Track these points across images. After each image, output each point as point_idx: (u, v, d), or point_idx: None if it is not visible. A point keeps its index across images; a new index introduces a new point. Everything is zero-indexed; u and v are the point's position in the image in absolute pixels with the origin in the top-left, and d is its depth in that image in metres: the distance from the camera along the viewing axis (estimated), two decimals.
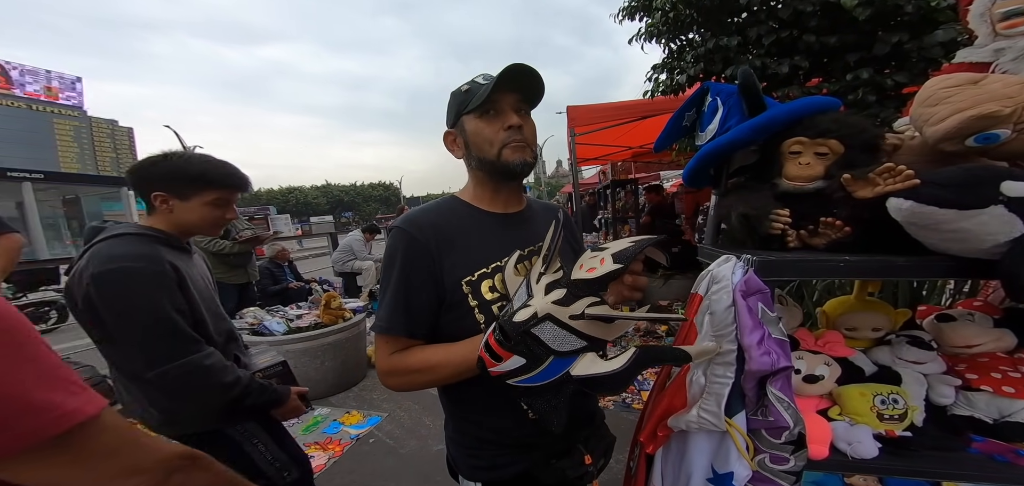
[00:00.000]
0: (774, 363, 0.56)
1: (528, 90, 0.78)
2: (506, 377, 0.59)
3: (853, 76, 1.60)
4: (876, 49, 1.58)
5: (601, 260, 0.58)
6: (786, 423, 0.57)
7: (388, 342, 0.75)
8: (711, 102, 1.00)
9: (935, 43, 1.51)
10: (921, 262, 0.59)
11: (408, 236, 0.75)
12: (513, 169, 0.77)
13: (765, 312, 0.64)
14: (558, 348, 0.57)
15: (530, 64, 0.74)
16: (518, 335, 0.56)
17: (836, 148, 0.71)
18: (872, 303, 0.85)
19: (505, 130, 0.76)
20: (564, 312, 0.56)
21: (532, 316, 0.56)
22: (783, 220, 0.71)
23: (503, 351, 0.57)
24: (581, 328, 0.57)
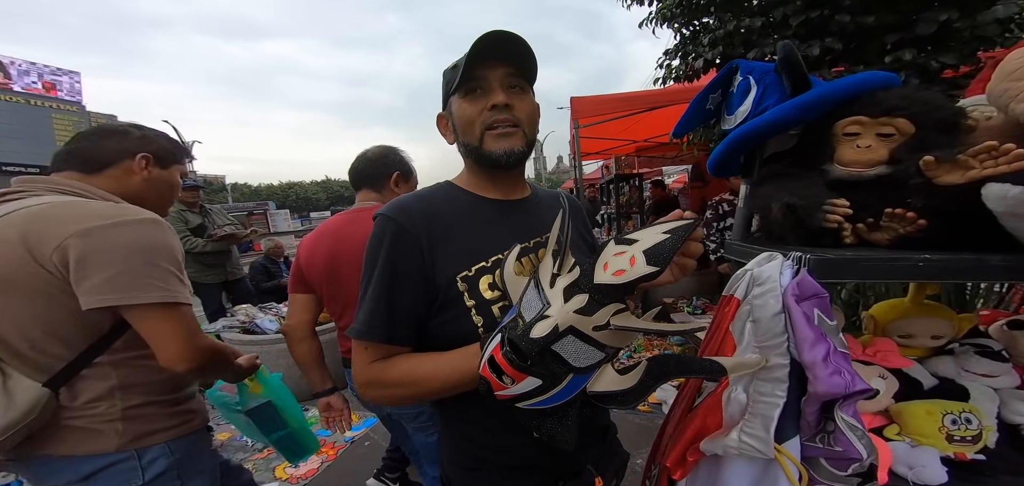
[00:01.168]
0: (849, 385, 0.46)
1: (518, 60, 0.66)
2: (516, 400, 0.49)
3: (892, 59, 1.47)
4: (920, 29, 1.44)
5: (631, 259, 0.48)
6: (858, 454, 0.47)
7: (367, 349, 0.65)
8: (742, 82, 0.89)
9: (991, 20, 1.38)
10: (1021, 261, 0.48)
11: (395, 225, 0.64)
12: (495, 159, 0.67)
13: (823, 320, 0.54)
14: (579, 364, 0.48)
15: (509, 30, 0.63)
16: (537, 354, 0.47)
17: (905, 128, 0.60)
18: (931, 307, 0.75)
19: (489, 110, 0.65)
20: (587, 323, 0.47)
21: (553, 330, 0.47)
22: (841, 211, 0.61)
23: (516, 372, 0.48)
24: (602, 339, 0.48)
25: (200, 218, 3.27)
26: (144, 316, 0.81)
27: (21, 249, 0.75)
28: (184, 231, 3.14)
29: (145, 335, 0.82)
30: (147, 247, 0.81)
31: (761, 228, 0.80)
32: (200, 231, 3.23)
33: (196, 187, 3.31)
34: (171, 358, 0.83)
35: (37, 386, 0.79)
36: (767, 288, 0.59)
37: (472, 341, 0.63)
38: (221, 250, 3.29)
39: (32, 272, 0.76)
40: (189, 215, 3.22)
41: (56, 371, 0.81)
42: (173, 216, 3.16)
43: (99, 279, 0.76)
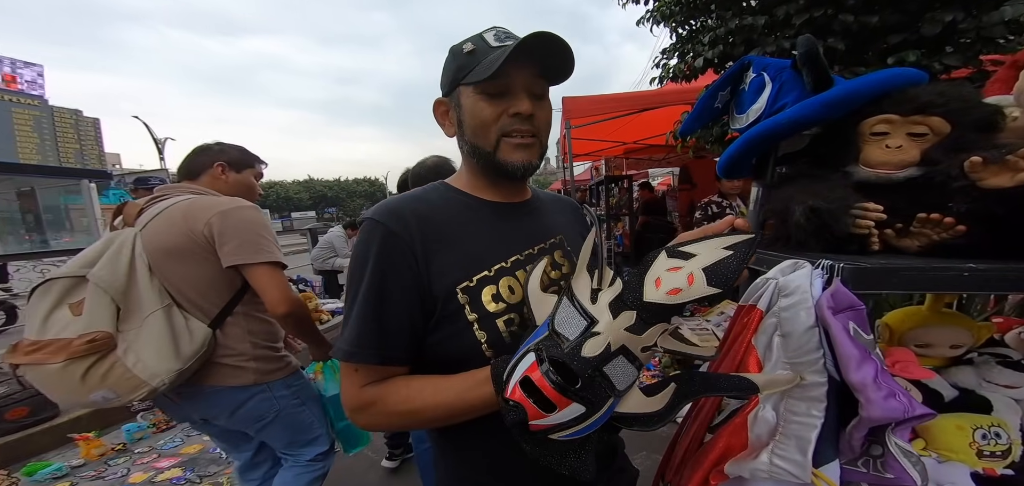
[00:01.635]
0: (907, 410, 0.42)
1: (551, 64, 0.61)
2: (552, 431, 0.43)
3: (896, 60, 1.48)
4: (925, 29, 1.45)
5: (689, 276, 0.43)
6: (911, 481, 0.43)
7: (357, 372, 0.58)
8: (755, 79, 0.85)
9: (997, 22, 1.40)
10: None
11: (385, 231, 0.57)
12: (511, 170, 0.61)
13: (859, 334, 0.50)
14: (621, 387, 0.43)
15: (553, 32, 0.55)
16: (588, 374, 0.41)
17: (939, 127, 0.57)
18: (950, 316, 0.73)
19: (510, 116, 0.59)
20: (637, 342, 0.42)
21: (606, 349, 0.41)
22: (873, 215, 0.57)
23: (560, 397, 0.41)
24: (642, 358, 0.44)
25: None
26: (257, 272, 1.17)
27: (185, 228, 1.14)
28: None
29: (257, 287, 1.17)
30: (256, 224, 1.19)
31: (777, 233, 0.76)
32: None
33: (146, 181, 3.10)
34: (274, 303, 1.16)
35: (204, 326, 1.15)
36: (796, 299, 0.54)
37: (474, 358, 0.57)
38: None
39: (193, 243, 1.14)
40: None
41: (213, 315, 1.18)
42: None
43: (232, 245, 1.14)
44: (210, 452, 2.49)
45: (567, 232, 0.74)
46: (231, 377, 1.20)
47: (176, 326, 1.11)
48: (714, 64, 1.89)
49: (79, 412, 2.71)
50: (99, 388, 1.06)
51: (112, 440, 2.63)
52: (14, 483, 2.18)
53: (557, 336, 0.45)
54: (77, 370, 1.02)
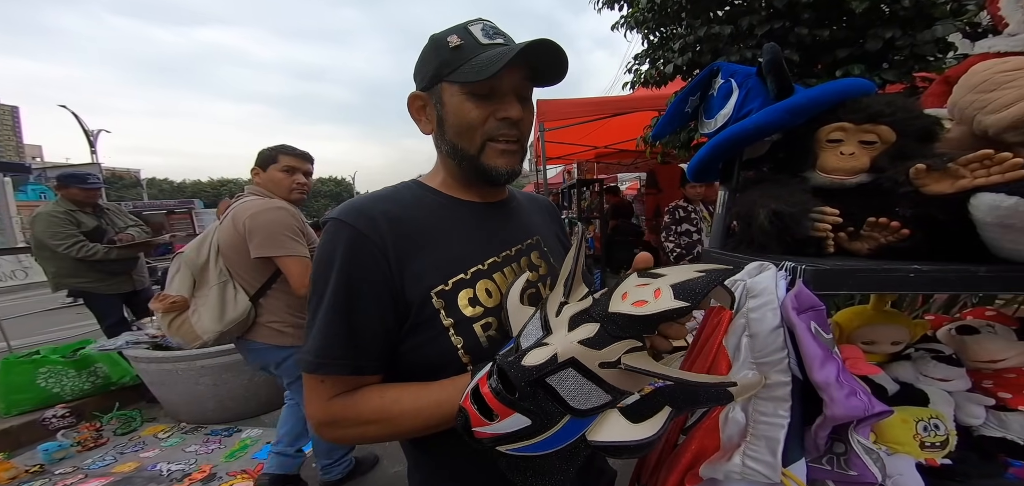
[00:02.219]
0: (867, 407, 0.43)
1: (543, 69, 0.58)
2: (496, 442, 0.40)
3: (843, 73, 1.61)
4: (869, 44, 1.59)
5: (655, 291, 0.41)
6: (873, 477, 0.44)
7: (323, 383, 0.53)
8: (723, 84, 0.88)
9: (929, 39, 1.55)
10: (1007, 272, 0.49)
11: (353, 233, 0.53)
12: (495, 176, 0.59)
13: (820, 333, 0.51)
14: (578, 405, 0.40)
15: (554, 40, 0.53)
16: (527, 385, 0.38)
17: (887, 136, 0.60)
18: (891, 314, 0.78)
19: (497, 120, 0.56)
20: (594, 357, 0.40)
21: (551, 359, 0.39)
22: (831, 219, 0.59)
23: (500, 406, 0.39)
24: (610, 379, 0.40)
25: (95, 220, 2.72)
26: (281, 262, 1.52)
27: (233, 226, 1.55)
28: (75, 235, 2.58)
29: (284, 273, 1.54)
30: (277, 223, 1.52)
31: (741, 235, 0.78)
32: (98, 234, 2.69)
33: (97, 188, 2.76)
34: (296, 285, 1.52)
35: (247, 298, 1.57)
36: (763, 300, 0.55)
37: (451, 364, 0.53)
38: (126, 257, 2.77)
39: (238, 237, 1.53)
40: (81, 216, 2.66)
41: (255, 290, 1.58)
42: (60, 218, 2.60)
43: (256, 241, 1.51)
44: (148, 470, 2.23)
45: (543, 232, 0.72)
46: (273, 337, 1.60)
47: (227, 297, 1.55)
48: (683, 70, 1.98)
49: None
50: (176, 336, 1.60)
51: (27, 462, 2.28)
52: None
53: (518, 346, 0.43)
54: (167, 320, 1.60)
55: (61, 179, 2.69)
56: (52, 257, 2.60)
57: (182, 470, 2.21)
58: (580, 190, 5.46)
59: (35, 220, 2.62)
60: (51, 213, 2.60)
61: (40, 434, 2.47)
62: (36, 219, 2.62)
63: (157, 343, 2.42)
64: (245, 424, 2.62)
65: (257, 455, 2.33)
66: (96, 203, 2.78)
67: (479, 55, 0.54)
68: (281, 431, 1.84)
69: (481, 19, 0.59)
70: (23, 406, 2.53)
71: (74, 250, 2.55)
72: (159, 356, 2.39)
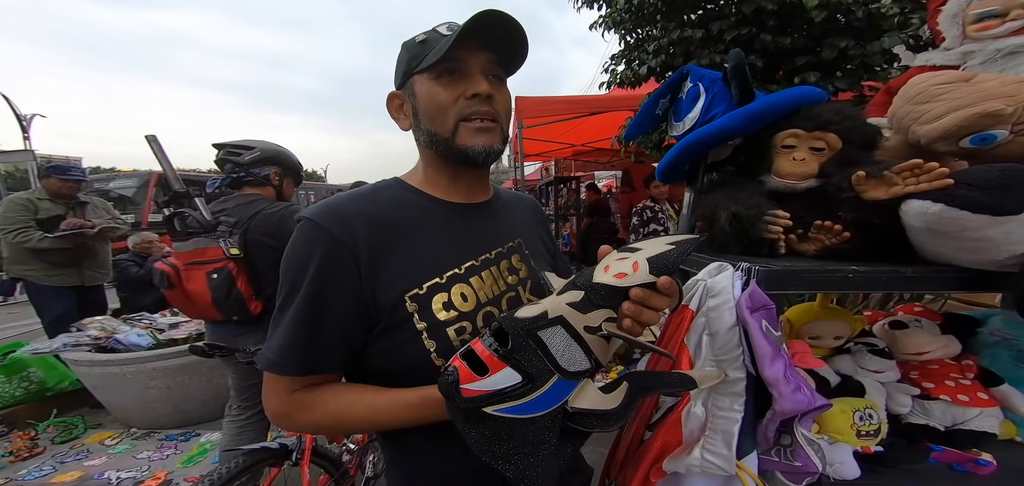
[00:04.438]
0: (810, 401, 0.46)
1: (506, 49, 0.58)
2: (485, 401, 0.41)
3: (800, 80, 1.71)
4: (825, 53, 1.70)
5: (633, 265, 0.44)
6: (815, 467, 0.47)
7: (281, 380, 0.53)
8: (691, 88, 0.91)
9: (877, 51, 1.67)
10: (931, 273, 0.54)
11: (327, 237, 0.52)
12: (471, 155, 0.58)
13: (770, 331, 0.54)
14: (565, 364, 0.42)
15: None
16: (520, 334, 0.41)
17: (834, 143, 0.64)
18: (835, 310, 0.83)
19: (467, 98, 0.56)
20: (579, 319, 0.43)
21: (542, 313, 0.42)
22: (781, 222, 0.63)
23: (493, 358, 0.41)
24: (591, 345, 0.43)
25: (61, 209, 2.53)
26: None
27: None
28: (24, 221, 2.41)
29: None
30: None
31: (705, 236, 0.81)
32: (53, 224, 2.48)
33: (78, 181, 2.63)
34: None
35: None
36: (722, 300, 0.57)
37: (422, 367, 0.52)
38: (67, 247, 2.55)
39: None
40: (45, 204, 2.50)
41: None
42: (18, 204, 2.41)
43: None
44: (94, 478, 2.07)
45: (526, 234, 0.71)
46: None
47: None
48: (656, 72, 2.04)
49: None
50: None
51: None
52: None
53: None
54: None
55: (45, 169, 2.63)
56: (5, 244, 2.43)
57: (134, 477, 2.06)
58: (557, 187, 5.51)
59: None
60: (13, 199, 2.50)
61: None
62: (3, 205, 2.47)
63: (101, 345, 2.22)
64: (204, 428, 2.47)
65: (216, 459, 2.21)
66: (75, 195, 2.63)
67: (443, 41, 0.54)
68: None
69: (448, 21, 0.60)
70: None
71: (11, 236, 2.37)
72: (103, 359, 2.20)
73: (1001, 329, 0.76)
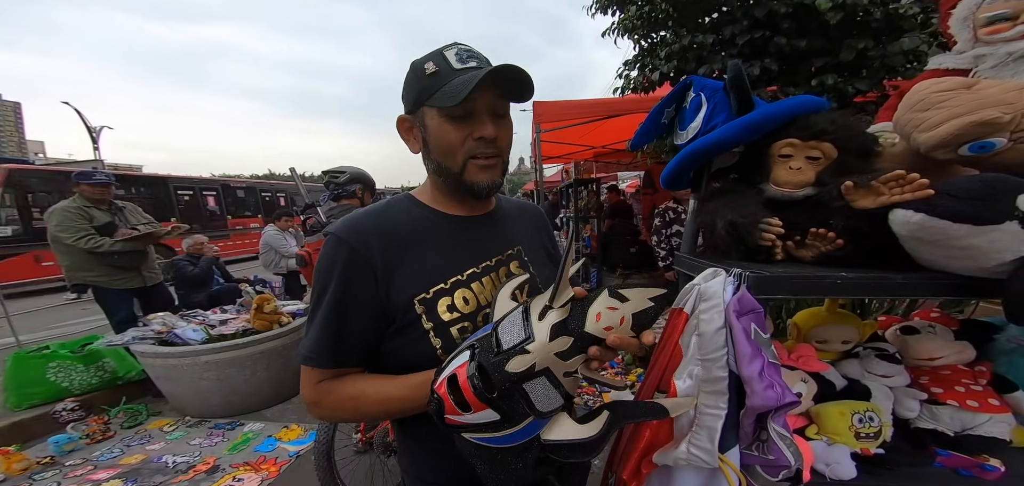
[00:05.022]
0: (780, 398, 0.49)
1: (511, 87, 0.63)
2: (464, 429, 0.46)
3: (817, 82, 1.66)
4: (842, 55, 1.64)
5: (620, 319, 0.47)
6: (787, 462, 0.51)
7: (312, 372, 0.62)
8: (694, 98, 0.93)
9: (898, 51, 1.60)
10: (920, 280, 0.55)
11: (348, 250, 0.60)
12: (477, 190, 0.64)
13: (758, 334, 0.57)
14: (542, 408, 0.46)
15: (517, 64, 0.58)
16: (506, 387, 0.44)
17: (829, 152, 0.66)
18: (843, 315, 0.84)
19: (475, 140, 0.62)
20: (561, 366, 0.46)
21: (530, 368, 0.45)
22: (775, 230, 0.65)
23: (477, 401, 0.44)
24: (565, 385, 0.47)
25: (109, 216, 2.81)
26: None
27: None
28: (86, 229, 2.68)
29: None
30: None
31: (706, 242, 0.84)
32: (109, 229, 2.77)
33: (106, 184, 2.84)
34: None
35: None
36: (712, 303, 0.61)
37: (430, 362, 0.59)
38: (133, 251, 2.85)
39: None
40: (94, 212, 2.76)
41: None
42: (72, 213, 2.68)
43: None
44: (154, 462, 2.32)
45: (526, 241, 0.77)
46: None
47: None
48: (670, 78, 2.03)
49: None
50: None
51: (38, 453, 2.37)
52: None
53: (496, 339, 0.48)
54: None
55: (79, 176, 2.82)
56: (66, 251, 2.70)
57: (187, 462, 2.29)
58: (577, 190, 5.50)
59: (50, 215, 2.71)
60: (65, 208, 2.71)
61: (51, 427, 2.56)
62: (51, 214, 2.71)
63: (163, 339, 2.49)
64: (247, 418, 2.70)
65: (259, 448, 2.41)
66: (110, 200, 2.87)
67: (453, 80, 0.59)
68: None
69: (457, 43, 0.64)
70: (34, 400, 2.61)
71: (82, 242, 2.64)
72: (165, 351, 2.46)
73: (1018, 336, 0.74)
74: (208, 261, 3.62)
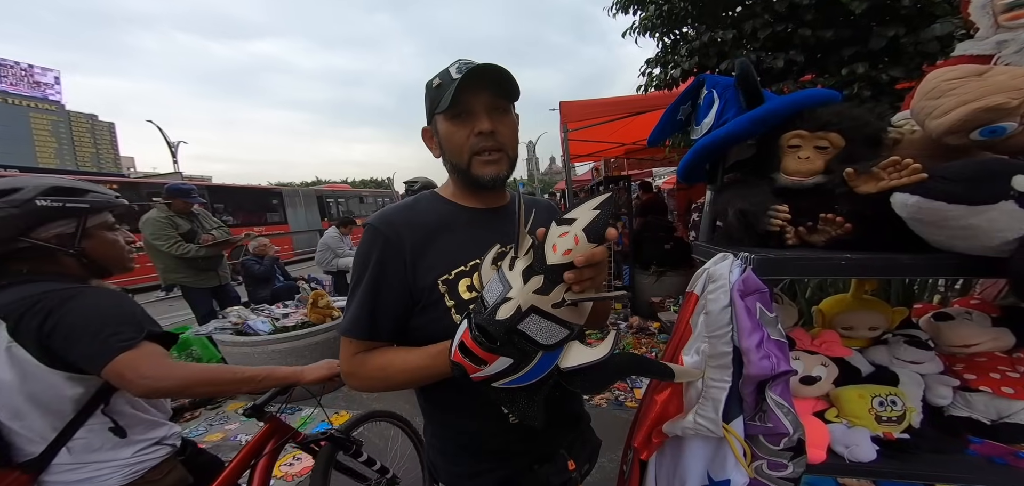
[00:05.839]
0: (774, 367, 0.53)
1: (501, 86, 0.72)
2: (492, 381, 0.55)
3: (848, 71, 1.58)
4: (872, 43, 1.56)
5: (574, 238, 0.51)
6: (785, 430, 0.55)
7: (351, 344, 0.73)
8: (707, 95, 0.97)
9: (931, 37, 1.50)
10: (926, 260, 0.56)
11: (383, 238, 0.71)
12: (483, 183, 0.73)
13: (763, 312, 0.62)
14: (546, 341, 0.53)
15: (499, 63, 0.67)
16: (503, 334, 0.51)
17: (837, 141, 0.68)
18: (869, 302, 0.83)
19: (475, 135, 0.71)
20: (546, 301, 0.51)
21: (516, 311, 0.51)
22: (782, 216, 0.68)
23: (486, 354, 0.52)
24: (562, 316, 0.53)
25: (189, 223, 3.28)
26: None
27: None
28: (174, 236, 3.14)
29: None
30: None
31: (722, 229, 0.87)
32: (191, 236, 3.23)
33: (189, 192, 3.30)
34: None
35: None
36: (719, 285, 0.66)
37: (451, 336, 0.68)
38: (211, 255, 3.30)
39: None
40: (179, 220, 3.23)
41: None
42: (163, 222, 3.15)
43: None
44: (231, 440, 2.66)
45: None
46: None
47: None
48: (693, 73, 2.00)
49: None
50: None
51: None
52: None
53: (483, 303, 0.54)
54: None
55: (169, 191, 3.28)
56: (159, 256, 3.19)
57: None
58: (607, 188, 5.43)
59: (143, 225, 3.22)
60: (155, 219, 3.20)
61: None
62: (144, 224, 3.21)
63: (239, 329, 2.86)
64: (306, 404, 2.98)
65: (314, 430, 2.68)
66: (191, 210, 3.35)
67: (452, 87, 0.69)
68: None
69: (459, 59, 0.74)
70: None
71: (174, 248, 3.11)
72: (240, 341, 2.82)
73: None
74: (271, 260, 4.07)
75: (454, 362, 0.56)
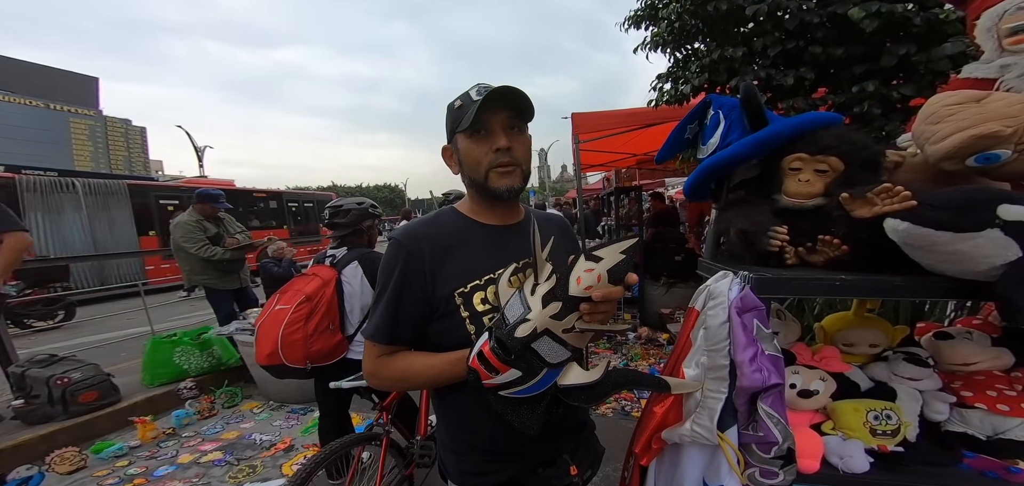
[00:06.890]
0: (765, 380, 0.57)
1: (518, 106, 0.77)
2: (499, 388, 0.60)
3: (859, 88, 1.59)
4: (883, 61, 1.56)
5: (598, 276, 0.57)
6: (775, 439, 0.58)
7: (374, 347, 0.79)
8: (713, 115, 1.00)
9: (943, 56, 1.50)
10: (918, 282, 0.59)
11: (405, 251, 0.77)
12: (499, 194, 0.78)
13: (760, 329, 0.65)
14: (551, 360, 0.58)
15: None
16: (519, 350, 0.57)
17: (836, 165, 0.71)
18: (871, 319, 0.85)
19: (493, 152, 0.76)
20: (559, 326, 0.57)
21: (533, 331, 0.57)
22: (781, 237, 0.72)
23: (501, 364, 0.58)
24: (568, 340, 0.59)
25: (216, 227, 3.43)
26: None
27: None
28: (202, 240, 3.29)
29: None
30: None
31: (725, 248, 0.90)
32: (217, 240, 3.38)
33: (216, 198, 3.46)
34: None
35: None
36: (718, 301, 0.70)
37: (466, 345, 0.73)
38: (238, 257, 3.44)
39: None
40: (207, 224, 3.38)
41: None
42: (193, 225, 3.31)
43: None
44: (246, 438, 2.76)
45: (551, 247, 0.91)
46: None
47: None
48: (703, 90, 2.02)
49: (137, 398, 3.05)
50: None
51: (164, 425, 2.93)
52: (83, 459, 2.51)
53: (504, 319, 0.61)
54: None
55: (200, 196, 3.43)
56: (187, 258, 3.33)
57: (270, 440, 2.70)
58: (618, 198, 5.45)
59: (175, 228, 3.37)
60: (185, 222, 3.36)
61: (174, 402, 3.15)
62: (175, 227, 3.37)
63: None
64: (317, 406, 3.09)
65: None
66: (217, 215, 3.52)
67: (470, 109, 0.75)
68: None
69: (479, 83, 0.80)
70: (163, 378, 3.24)
71: (202, 251, 3.26)
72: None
73: None
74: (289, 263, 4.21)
75: (471, 367, 0.61)
